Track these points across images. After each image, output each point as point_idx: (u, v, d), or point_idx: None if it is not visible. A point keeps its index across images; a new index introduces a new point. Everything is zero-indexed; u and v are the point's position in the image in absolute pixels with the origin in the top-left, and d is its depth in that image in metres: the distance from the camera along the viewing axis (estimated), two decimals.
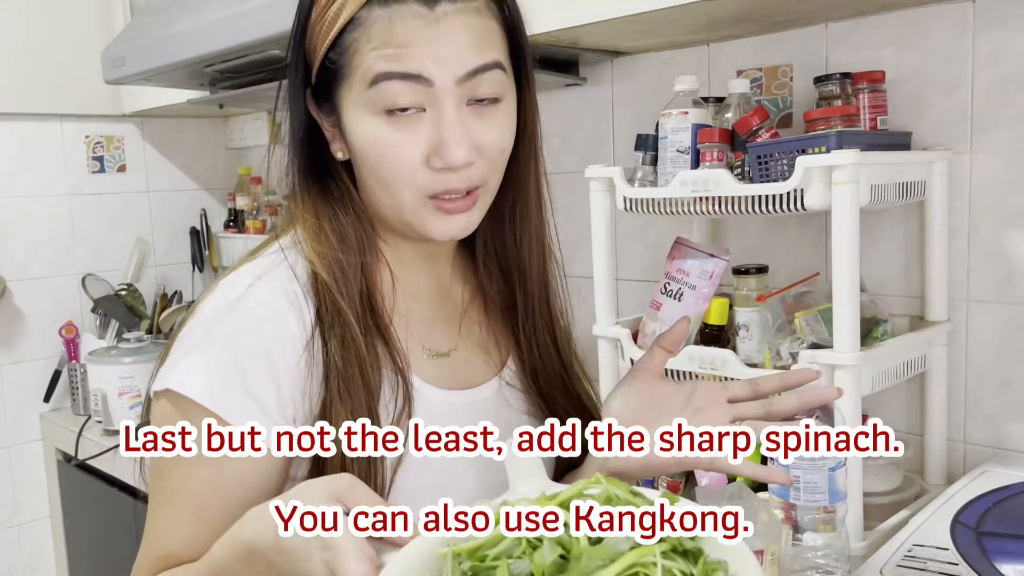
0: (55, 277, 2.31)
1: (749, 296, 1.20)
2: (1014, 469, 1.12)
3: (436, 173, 0.72)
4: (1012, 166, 1.20)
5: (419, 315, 0.82)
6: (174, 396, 0.69)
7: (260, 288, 0.73)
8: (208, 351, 0.70)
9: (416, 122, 0.71)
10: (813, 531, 0.95)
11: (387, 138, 0.71)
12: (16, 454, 2.29)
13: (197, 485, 0.71)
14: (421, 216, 0.74)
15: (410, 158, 0.71)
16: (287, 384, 0.71)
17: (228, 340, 0.70)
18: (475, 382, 0.85)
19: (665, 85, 1.30)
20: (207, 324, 0.72)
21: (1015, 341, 1.21)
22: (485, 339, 0.88)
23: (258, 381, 0.70)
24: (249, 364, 0.70)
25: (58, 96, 2.27)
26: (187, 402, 0.69)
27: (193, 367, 0.70)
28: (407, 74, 0.69)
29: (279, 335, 0.71)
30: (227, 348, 0.70)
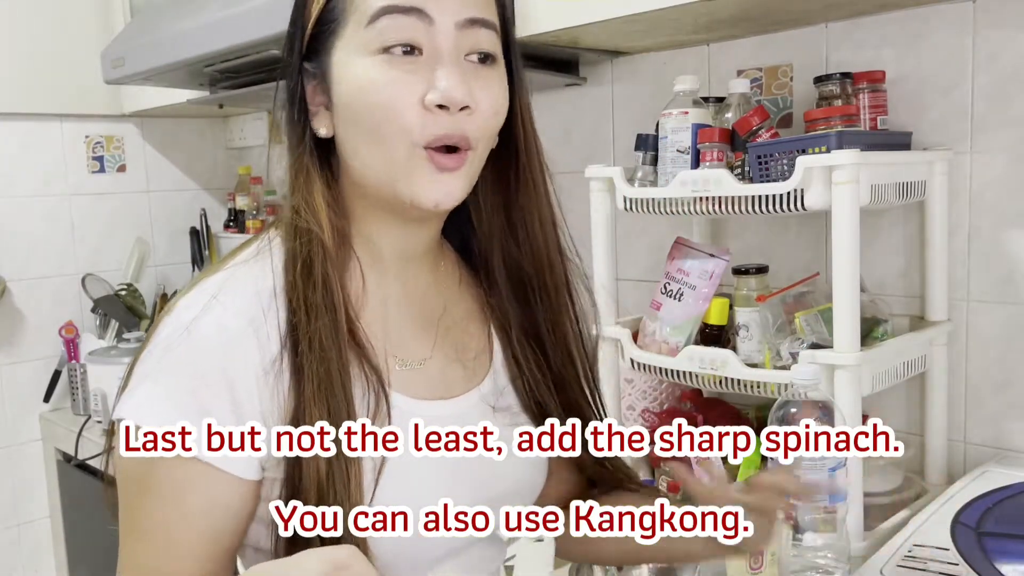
0: (55, 277, 2.31)
1: (749, 296, 1.20)
2: (1014, 469, 1.12)
3: (431, 115, 0.69)
4: (1012, 166, 1.20)
5: (393, 320, 0.79)
6: (132, 428, 0.67)
7: (214, 310, 0.69)
8: (160, 380, 0.68)
9: (413, 64, 0.69)
10: (813, 531, 0.95)
11: (383, 76, 0.68)
12: (16, 454, 2.29)
13: (165, 517, 0.68)
14: (411, 174, 0.71)
15: (406, 97, 0.68)
16: (248, 407, 0.69)
17: (180, 367, 0.68)
18: (451, 393, 0.82)
19: (665, 85, 1.30)
20: (160, 351, 0.69)
21: (1015, 341, 1.21)
22: (463, 351, 0.85)
23: (216, 407, 0.68)
24: (204, 391, 0.67)
25: (58, 96, 2.27)
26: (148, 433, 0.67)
27: (146, 396, 0.68)
28: (408, 7, 0.68)
29: (233, 358, 0.68)
30: (179, 376, 0.68)
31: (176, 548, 0.69)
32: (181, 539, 0.69)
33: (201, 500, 0.69)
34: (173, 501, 0.68)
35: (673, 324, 1.24)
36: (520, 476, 0.85)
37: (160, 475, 0.68)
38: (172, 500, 0.68)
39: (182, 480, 0.68)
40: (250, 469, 0.70)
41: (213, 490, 0.69)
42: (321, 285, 0.71)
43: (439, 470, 0.77)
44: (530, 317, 0.85)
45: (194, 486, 0.68)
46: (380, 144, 0.70)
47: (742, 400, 1.32)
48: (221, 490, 0.69)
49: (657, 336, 1.26)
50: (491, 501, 0.82)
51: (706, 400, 1.41)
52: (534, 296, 0.85)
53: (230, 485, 0.69)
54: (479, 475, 0.81)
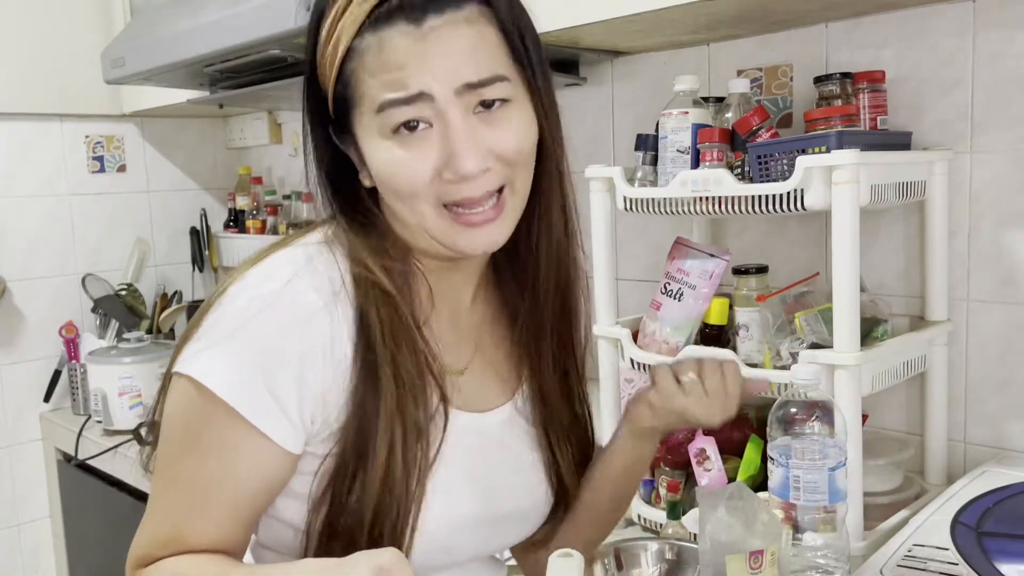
0: (55, 277, 2.31)
1: (749, 296, 1.20)
2: (1014, 469, 1.12)
3: (450, 185, 0.72)
4: (1012, 166, 1.20)
5: (438, 330, 0.81)
6: (196, 383, 0.69)
7: (297, 284, 0.72)
8: (234, 347, 0.70)
9: (425, 139, 0.71)
10: (813, 531, 0.95)
11: (399, 157, 0.72)
12: (16, 454, 2.29)
13: (208, 476, 0.71)
14: (445, 230, 0.74)
15: (422, 173, 0.72)
16: (312, 386, 0.71)
17: (256, 339, 0.70)
18: (485, 406, 0.84)
19: (665, 85, 1.30)
20: (238, 317, 0.71)
21: (1015, 341, 1.21)
22: (502, 361, 0.87)
23: (282, 382, 0.70)
24: (274, 365, 0.70)
25: (58, 96, 2.27)
26: (208, 392, 0.69)
27: (217, 359, 0.70)
28: (408, 97, 0.70)
29: (307, 334, 0.71)
30: (254, 347, 0.70)
31: (209, 506, 0.71)
32: (217, 498, 0.71)
33: (246, 466, 0.71)
34: (219, 462, 0.71)
35: (673, 324, 1.24)
36: (536, 496, 0.87)
37: (212, 435, 0.70)
38: (219, 461, 0.71)
39: (233, 444, 0.70)
40: (297, 443, 0.73)
41: (260, 458, 0.71)
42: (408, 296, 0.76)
43: (472, 482, 0.80)
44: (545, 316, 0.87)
45: (243, 452, 0.71)
46: (409, 207, 0.74)
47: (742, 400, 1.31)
48: (267, 459, 0.71)
49: (657, 336, 1.26)
50: (508, 516, 0.85)
51: None
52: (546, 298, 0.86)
53: (276, 456, 0.72)
54: (502, 488, 0.84)
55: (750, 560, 0.88)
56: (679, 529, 1.16)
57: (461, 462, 0.80)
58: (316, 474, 0.75)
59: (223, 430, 0.70)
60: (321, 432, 0.74)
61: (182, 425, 0.72)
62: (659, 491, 1.28)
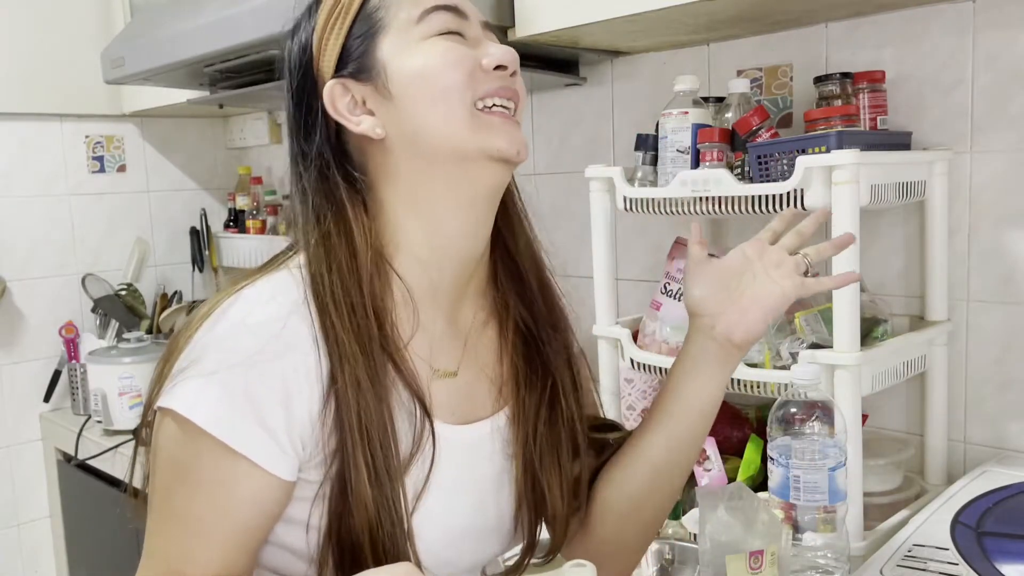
0: (55, 277, 2.31)
1: None
2: (1014, 469, 1.12)
3: (488, 76, 0.76)
4: (1012, 166, 1.20)
5: (438, 335, 0.81)
6: (181, 418, 0.69)
7: (279, 311, 0.71)
8: (219, 376, 0.69)
9: (462, 42, 0.77)
10: (813, 531, 0.95)
11: (441, 48, 0.75)
12: (16, 454, 2.29)
13: (202, 510, 0.70)
14: (485, 131, 0.75)
15: (466, 60, 0.75)
16: (299, 411, 0.70)
17: (241, 367, 0.69)
18: (474, 416, 0.83)
19: (665, 85, 1.30)
20: (219, 345, 0.70)
21: (1015, 341, 1.21)
22: (492, 366, 0.86)
23: (270, 410, 0.69)
24: (262, 393, 0.69)
25: (58, 96, 2.27)
26: (193, 427, 0.68)
27: (201, 392, 0.68)
28: (449, 6, 0.76)
29: (295, 365, 0.70)
30: (240, 376, 0.69)
31: (208, 538, 0.70)
32: (214, 530, 0.70)
33: (241, 497, 0.70)
34: (213, 494, 0.70)
35: (673, 324, 1.24)
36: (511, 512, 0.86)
37: (203, 469, 0.69)
38: (212, 492, 0.70)
39: (225, 475, 0.69)
40: (290, 470, 0.72)
41: (253, 488, 0.70)
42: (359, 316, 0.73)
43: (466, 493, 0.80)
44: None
45: (236, 482, 0.70)
46: (447, 115, 0.74)
47: (742, 400, 1.32)
48: (261, 488, 0.71)
49: (657, 336, 1.26)
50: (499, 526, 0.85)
51: None
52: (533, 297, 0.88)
53: (269, 485, 0.71)
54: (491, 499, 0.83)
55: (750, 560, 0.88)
56: (679, 529, 1.16)
57: (454, 474, 0.79)
58: (313, 500, 0.74)
59: (213, 463, 0.69)
60: (314, 457, 0.73)
61: (170, 460, 0.71)
62: None
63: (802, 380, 0.95)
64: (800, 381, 0.95)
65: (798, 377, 0.96)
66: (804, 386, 0.95)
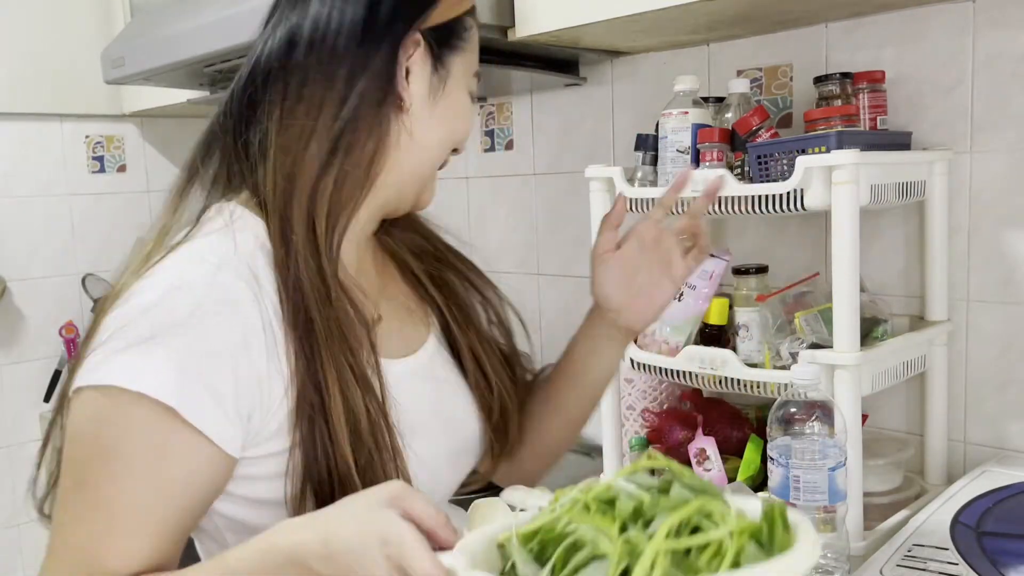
0: (55, 277, 2.31)
1: (749, 296, 1.20)
2: (1014, 469, 1.12)
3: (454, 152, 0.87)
4: (1012, 166, 1.20)
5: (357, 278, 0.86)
6: (113, 391, 0.64)
7: (216, 272, 0.69)
8: (160, 344, 0.65)
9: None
10: None
11: (471, 114, 0.86)
12: (16, 454, 2.29)
13: (133, 492, 0.65)
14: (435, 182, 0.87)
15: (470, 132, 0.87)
16: (247, 376, 0.68)
17: (182, 327, 0.66)
18: (410, 349, 0.87)
19: (665, 85, 1.30)
20: (151, 311, 0.66)
21: (1015, 341, 1.21)
22: (404, 302, 0.92)
23: (217, 375, 0.66)
24: (207, 358, 0.66)
25: (58, 96, 2.27)
26: (132, 397, 0.64)
27: (141, 360, 0.64)
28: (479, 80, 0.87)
29: (239, 327, 0.68)
30: (182, 337, 0.65)
31: (135, 525, 0.65)
32: (145, 516, 0.66)
33: (180, 472, 0.66)
34: (148, 473, 0.65)
35: (673, 324, 1.24)
36: (475, 425, 0.91)
37: (138, 444, 0.65)
38: (147, 472, 0.65)
39: (165, 450, 0.65)
40: (235, 444, 0.69)
41: (195, 461, 0.67)
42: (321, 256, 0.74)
43: (434, 417, 0.85)
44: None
45: (176, 457, 0.66)
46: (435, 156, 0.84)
47: (742, 400, 1.32)
48: (203, 462, 0.67)
49: (657, 336, 1.26)
50: (468, 441, 0.90)
51: (706, 400, 1.41)
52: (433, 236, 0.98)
53: (212, 459, 0.68)
54: (456, 417, 0.89)
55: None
56: None
57: (417, 405, 0.81)
58: (286, 475, 0.71)
59: (153, 436, 0.65)
60: (263, 428, 0.70)
61: (95, 442, 0.65)
62: None
63: (802, 380, 0.95)
64: (800, 381, 0.95)
65: (798, 377, 0.96)
66: (804, 386, 0.95)
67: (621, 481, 0.58)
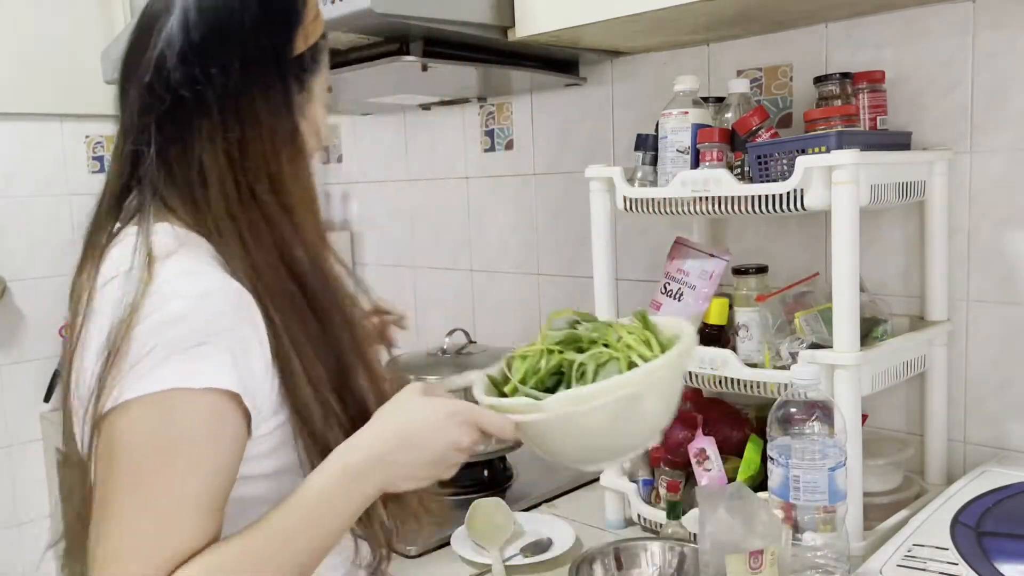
0: (55, 277, 2.31)
1: (749, 296, 1.20)
2: (1014, 469, 1.12)
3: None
4: (1012, 166, 1.20)
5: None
6: (176, 394, 0.70)
7: (211, 277, 0.75)
8: (211, 341, 0.71)
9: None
10: (813, 531, 0.95)
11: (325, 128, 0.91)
12: (16, 454, 2.29)
13: (199, 477, 0.71)
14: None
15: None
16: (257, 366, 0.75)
17: (225, 327, 0.72)
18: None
19: (665, 85, 1.30)
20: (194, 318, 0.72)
21: (1015, 341, 1.22)
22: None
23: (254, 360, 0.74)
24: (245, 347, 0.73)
25: (58, 96, 2.27)
26: (197, 394, 0.70)
27: (201, 360, 0.70)
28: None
29: (254, 318, 0.75)
30: (228, 333, 0.72)
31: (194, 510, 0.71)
32: (209, 493, 0.72)
33: (231, 451, 0.73)
34: (212, 456, 0.72)
35: None
36: None
37: (201, 433, 0.71)
38: (211, 455, 0.72)
39: (223, 432, 0.72)
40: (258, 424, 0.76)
41: (243, 437, 0.75)
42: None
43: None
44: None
45: (231, 436, 0.73)
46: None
47: (742, 400, 1.32)
48: (245, 437, 0.75)
49: None
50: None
51: (706, 400, 1.41)
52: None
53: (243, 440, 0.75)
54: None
55: (750, 560, 0.89)
56: (679, 529, 1.16)
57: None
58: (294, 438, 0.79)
59: (215, 424, 0.72)
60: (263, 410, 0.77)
61: (154, 443, 0.70)
62: (659, 491, 1.28)
63: (802, 380, 0.95)
64: (800, 381, 0.95)
65: (798, 377, 0.96)
66: (804, 386, 0.95)
67: (553, 332, 0.90)
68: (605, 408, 0.79)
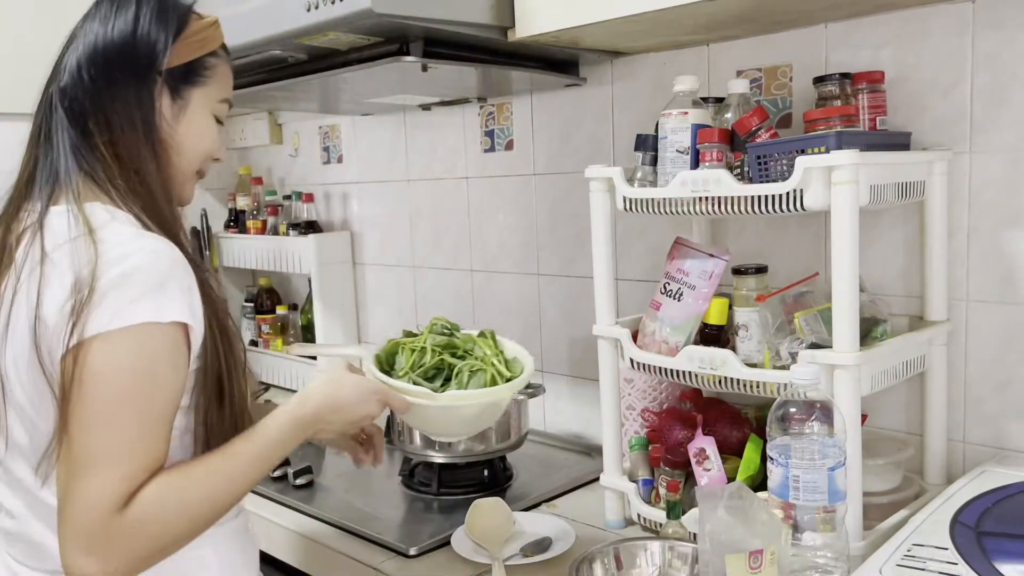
0: None
1: (749, 296, 1.20)
2: (1014, 469, 1.12)
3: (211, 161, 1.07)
4: (1012, 166, 1.20)
5: None
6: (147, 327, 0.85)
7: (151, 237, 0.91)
8: (169, 284, 0.88)
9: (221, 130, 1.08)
10: (813, 531, 0.96)
11: (213, 134, 1.05)
12: None
13: (162, 400, 0.88)
14: (192, 183, 1.06)
15: (216, 151, 1.06)
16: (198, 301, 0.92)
17: (177, 274, 0.89)
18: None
19: (665, 85, 1.30)
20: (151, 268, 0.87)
21: (1015, 341, 1.22)
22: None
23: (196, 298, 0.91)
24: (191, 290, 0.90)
25: None
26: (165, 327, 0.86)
27: (164, 298, 0.86)
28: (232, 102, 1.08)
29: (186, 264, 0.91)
30: (180, 279, 0.89)
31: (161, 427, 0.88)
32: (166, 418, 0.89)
33: (183, 375, 0.90)
34: (171, 383, 0.89)
35: (673, 324, 1.24)
36: None
37: (167, 361, 0.88)
38: (171, 382, 0.89)
39: (180, 361, 0.89)
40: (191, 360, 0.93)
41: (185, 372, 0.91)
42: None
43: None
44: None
45: (184, 366, 0.90)
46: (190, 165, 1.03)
47: (742, 400, 1.32)
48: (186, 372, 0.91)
49: (657, 336, 1.26)
50: None
51: (706, 400, 1.41)
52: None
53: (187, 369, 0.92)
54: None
55: (750, 560, 0.89)
56: (679, 529, 1.16)
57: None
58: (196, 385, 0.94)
59: (176, 354, 0.88)
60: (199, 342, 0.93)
61: (131, 369, 0.85)
62: (659, 491, 1.28)
63: (802, 380, 0.96)
64: (800, 381, 0.96)
65: (798, 377, 0.96)
66: (804, 386, 0.95)
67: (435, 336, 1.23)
68: (475, 407, 1.13)
